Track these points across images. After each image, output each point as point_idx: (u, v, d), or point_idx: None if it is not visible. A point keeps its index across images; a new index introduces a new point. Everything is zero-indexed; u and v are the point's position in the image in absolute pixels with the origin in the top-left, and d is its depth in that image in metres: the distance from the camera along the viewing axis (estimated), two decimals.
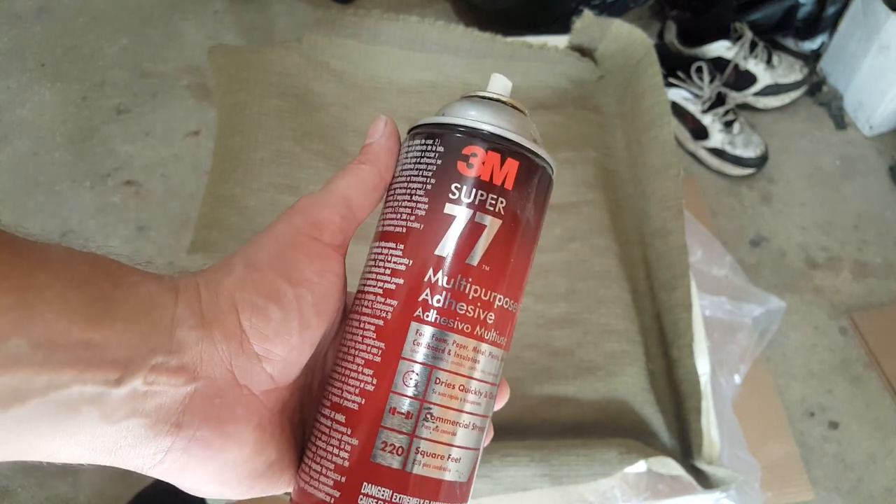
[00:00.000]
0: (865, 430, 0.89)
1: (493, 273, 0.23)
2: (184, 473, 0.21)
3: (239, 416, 0.21)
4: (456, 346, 0.22)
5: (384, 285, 0.23)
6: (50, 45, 1.17)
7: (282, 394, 0.23)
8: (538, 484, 0.48)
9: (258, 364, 0.21)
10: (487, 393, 0.23)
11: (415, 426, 0.22)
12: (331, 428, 0.23)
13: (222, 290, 0.21)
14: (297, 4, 1.26)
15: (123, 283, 0.20)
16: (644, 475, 0.52)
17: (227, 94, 0.63)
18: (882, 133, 1.15)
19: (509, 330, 0.24)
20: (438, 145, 0.23)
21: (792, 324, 0.96)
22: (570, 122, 0.66)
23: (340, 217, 0.24)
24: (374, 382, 0.22)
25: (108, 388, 0.18)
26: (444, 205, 0.23)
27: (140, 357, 0.19)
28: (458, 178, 0.23)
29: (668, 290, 0.57)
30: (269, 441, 0.22)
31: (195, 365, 0.20)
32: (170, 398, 0.20)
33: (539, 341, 0.56)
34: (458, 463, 0.22)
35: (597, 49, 0.68)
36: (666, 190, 0.59)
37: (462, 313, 0.22)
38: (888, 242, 1.04)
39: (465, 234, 0.23)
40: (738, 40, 1.11)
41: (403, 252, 0.23)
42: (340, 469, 0.22)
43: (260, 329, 0.21)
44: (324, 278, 0.23)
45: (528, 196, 0.24)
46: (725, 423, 0.59)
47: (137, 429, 0.19)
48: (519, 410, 0.53)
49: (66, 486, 0.80)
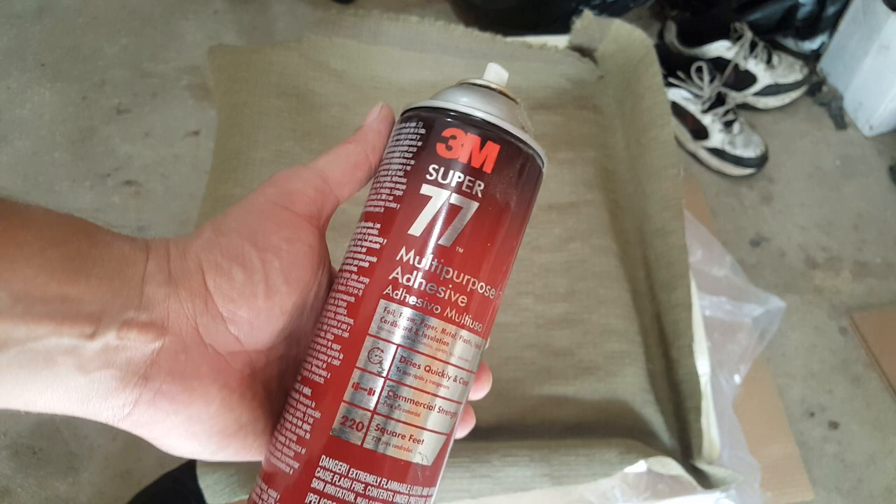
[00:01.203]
0: (865, 430, 0.89)
1: (468, 256, 0.23)
2: (152, 426, 0.21)
3: (204, 373, 0.22)
4: (425, 327, 0.22)
5: (359, 263, 0.23)
6: (50, 45, 1.17)
7: (251, 357, 0.23)
8: (538, 484, 0.48)
9: (223, 324, 0.22)
10: (458, 378, 0.23)
11: (376, 403, 0.22)
12: (297, 401, 0.23)
13: (190, 251, 0.22)
14: (297, 4, 1.26)
15: (99, 241, 0.20)
16: (644, 475, 0.52)
17: (227, 94, 0.63)
18: (882, 133, 1.15)
19: (487, 316, 0.24)
20: (420, 127, 0.24)
21: (792, 324, 0.96)
22: (570, 122, 0.66)
23: (314, 189, 0.24)
24: (340, 357, 0.22)
25: (83, 340, 0.19)
26: (420, 185, 0.23)
27: (113, 312, 0.20)
28: (437, 159, 0.23)
29: (668, 290, 0.57)
30: (239, 402, 0.23)
31: (162, 320, 0.21)
32: (139, 352, 0.20)
33: (539, 341, 0.56)
34: (420, 444, 0.22)
35: (597, 49, 0.68)
36: (666, 190, 0.59)
37: (433, 294, 0.22)
38: (888, 242, 1.04)
39: (441, 215, 0.22)
40: (738, 40, 1.11)
41: (379, 231, 0.23)
42: (302, 441, 0.22)
43: (224, 290, 0.22)
44: (293, 246, 0.23)
45: (510, 181, 0.23)
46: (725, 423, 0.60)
47: (108, 380, 0.20)
48: (519, 410, 0.53)
49: (66, 486, 0.80)
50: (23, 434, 0.83)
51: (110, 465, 0.82)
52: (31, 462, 0.82)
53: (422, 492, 0.23)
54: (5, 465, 0.81)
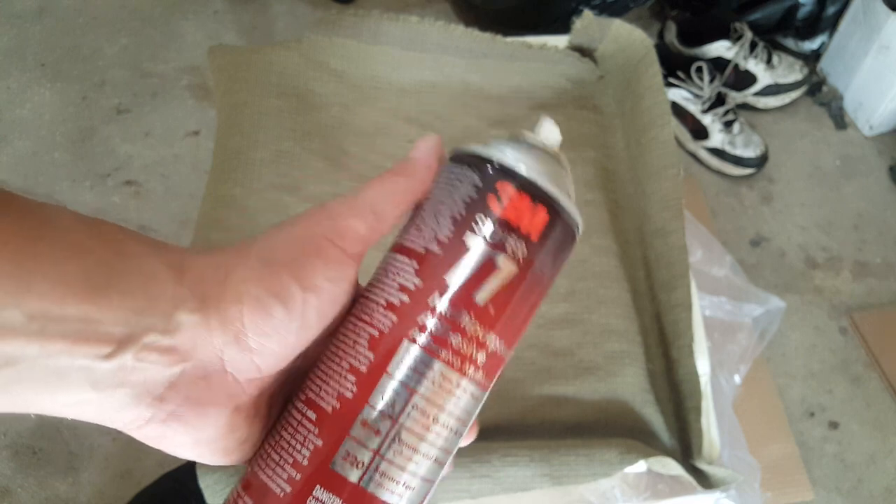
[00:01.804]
0: (865, 430, 0.89)
1: (495, 316, 0.23)
2: (160, 440, 0.21)
3: (220, 400, 0.21)
4: (441, 377, 0.22)
5: (389, 297, 0.23)
6: (50, 45, 1.17)
7: (265, 382, 0.23)
8: (538, 484, 0.48)
9: (249, 356, 0.21)
10: (458, 430, 0.23)
11: (381, 444, 0.22)
12: (299, 423, 0.23)
13: (231, 278, 0.21)
14: (297, 4, 1.26)
15: (125, 252, 0.20)
16: (644, 475, 0.52)
17: (227, 94, 0.63)
18: (882, 133, 1.15)
19: (495, 373, 0.24)
20: (477, 178, 0.23)
21: (792, 324, 0.96)
22: (570, 122, 0.66)
23: (366, 227, 0.23)
24: (353, 390, 0.22)
25: (98, 361, 0.19)
26: (467, 237, 0.23)
27: (133, 334, 0.19)
28: (489, 214, 0.23)
29: (668, 290, 0.57)
30: (243, 422, 0.23)
31: (186, 347, 0.20)
32: (157, 374, 0.20)
33: (539, 341, 0.56)
34: (411, 491, 0.22)
35: (597, 49, 0.68)
36: (666, 190, 0.59)
37: (456, 346, 0.22)
38: (888, 242, 1.04)
39: (480, 271, 0.22)
40: (738, 40, 1.11)
41: (416, 271, 0.23)
42: (298, 466, 0.22)
43: (259, 325, 0.21)
44: (335, 285, 0.23)
45: (549, 251, 0.24)
46: (725, 424, 0.59)
47: (122, 398, 0.20)
48: (519, 410, 0.53)
49: (66, 487, 0.80)
50: (23, 434, 0.83)
51: (110, 465, 0.82)
52: (31, 462, 0.82)
53: None
54: (5, 465, 0.81)
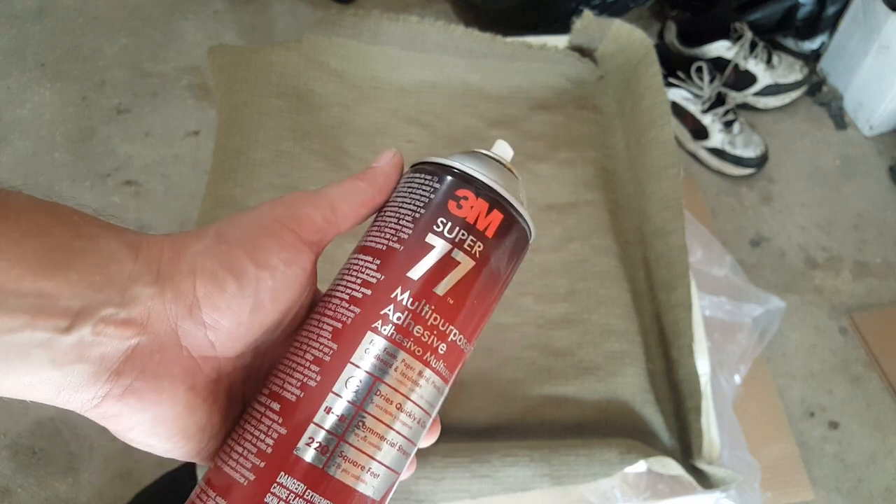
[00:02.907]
0: (865, 430, 0.89)
1: (455, 307, 0.24)
2: (117, 420, 0.21)
3: (175, 374, 0.22)
4: (403, 365, 0.23)
5: (351, 293, 0.24)
6: (50, 45, 1.17)
7: (220, 363, 0.23)
8: (538, 484, 0.48)
9: (202, 330, 0.22)
10: (420, 419, 0.24)
11: (345, 430, 0.22)
12: (263, 414, 0.23)
13: (186, 253, 0.22)
14: (297, 4, 1.26)
15: (83, 233, 0.20)
16: (644, 475, 0.52)
17: (227, 94, 0.63)
18: (882, 133, 1.15)
19: (456, 367, 0.25)
20: (436, 182, 0.25)
21: (792, 324, 0.96)
22: (570, 122, 0.66)
23: (322, 217, 0.25)
24: (317, 379, 0.23)
25: (58, 334, 0.19)
26: (426, 234, 0.24)
27: (91, 308, 0.20)
28: (446, 214, 0.24)
29: (668, 290, 0.57)
30: (202, 405, 0.23)
31: (142, 319, 0.21)
32: (114, 348, 0.20)
33: (539, 341, 0.56)
34: (375, 478, 0.23)
35: (597, 49, 0.68)
36: (666, 190, 0.59)
37: (418, 336, 0.23)
38: (888, 242, 1.04)
39: (439, 265, 0.24)
40: (738, 40, 1.11)
41: (378, 267, 0.24)
42: (262, 454, 0.22)
43: (213, 299, 0.22)
44: (289, 268, 0.24)
45: (503, 249, 0.25)
46: (725, 424, 0.60)
47: (81, 374, 0.20)
48: (519, 410, 0.53)
49: (66, 487, 0.80)
50: (23, 434, 0.83)
51: (110, 465, 0.82)
52: (31, 462, 0.82)
53: None
54: (5, 465, 0.81)
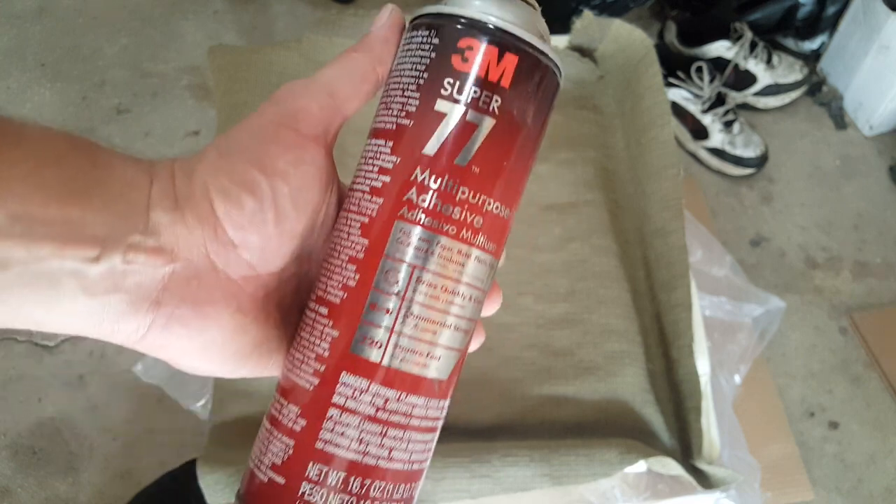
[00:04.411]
0: (865, 430, 0.89)
1: (483, 176, 0.22)
2: (167, 349, 0.21)
3: (217, 298, 0.21)
4: (440, 248, 0.22)
5: (371, 183, 0.23)
6: (50, 45, 1.17)
7: (264, 280, 0.23)
8: (538, 484, 0.48)
9: (234, 251, 0.21)
10: (472, 297, 0.23)
11: (394, 322, 0.22)
12: (314, 320, 0.23)
13: (196, 175, 0.21)
14: (297, 4, 1.26)
15: (100, 162, 0.20)
16: (644, 475, 0.52)
17: (227, 94, 0.63)
18: (882, 133, 1.15)
19: (501, 237, 0.24)
20: (434, 37, 0.22)
21: (792, 324, 0.96)
22: (570, 122, 0.66)
23: (319, 106, 0.23)
24: (356, 278, 0.22)
25: (87, 264, 0.19)
26: (435, 101, 0.22)
27: (118, 235, 0.19)
28: (452, 72, 0.22)
29: (668, 290, 0.57)
30: (253, 324, 0.23)
31: (172, 246, 0.20)
32: (148, 277, 0.20)
33: (539, 341, 0.56)
34: (437, 361, 0.23)
35: (597, 49, 0.68)
36: (666, 190, 0.59)
37: (448, 215, 0.22)
38: (888, 242, 1.04)
39: (456, 133, 0.22)
40: (738, 40, 1.11)
41: (392, 149, 0.22)
42: (321, 358, 0.22)
43: (233, 217, 0.21)
44: (299, 169, 0.22)
45: (527, 96, 0.22)
46: (725, 423, 0.59)
47: (118, 304, 0.19)
48: (519, 410, 0.53)
49: (66, 487, 0.80)
50: (23, 434, 0.83)
51: (110, 465, 0.82)
52: (31, 462, 0.81)
53: (438, 404, 0.23)
54: (5, 465, 0.81)
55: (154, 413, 0.84)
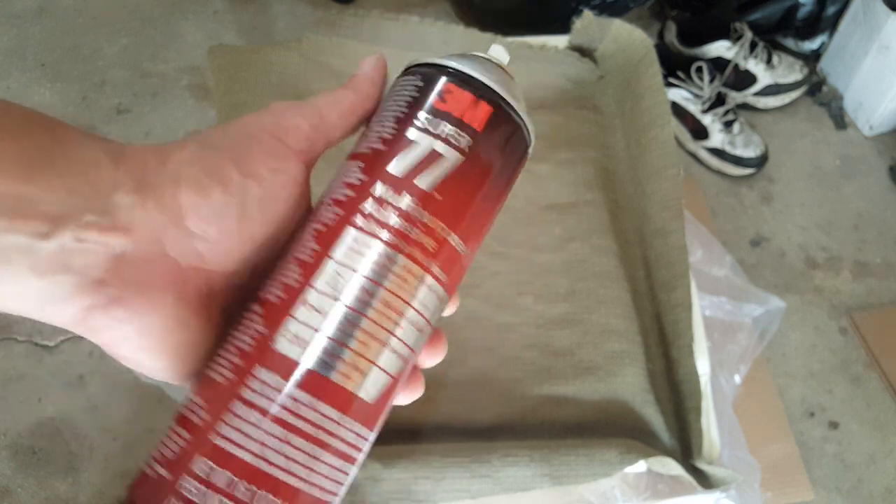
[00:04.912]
0: (865, 430, 0.89)
1: (444, 205, 0.23)
2: (105, 333, 0.21)
3: (163, 283, 0.21)
4: (388, 261, 0.22)
5: (336, 196, 0.23)
6: (50, 45, 1.17)
7: (212, 277, 0.23)
8: (538, 484, 0.48)
9: (189, 239, 0.21)
10: (414, 322, 0.23)
11: (324, 322, 0.21)
12: (247, 318, 0.23)
13: (170, 161, 0.21)
14: (297, 4, 1.26)
15: (63, 139, 0.20)
16: (644, 475, 0.52)
17: (227, 94, 0.63)
18: (882, 133, 1.15)
19: (455, 271, 0.24)
20: (419, 80, 0.24)
21: (792, 324, 0.96)
22: (570, 122, 0.66)
23: (310, 125, 0.24)
24: (298, 279, 0.22)
25: (38, 240, 0.18)
26: (408, 130, 0.23)
27: (72, 214, 0.19)
28: (429, 108, 0.23)
29: (668, 290, 0.57)
30: (193, 319, 0.22)
31: (126, 228, 0.20)
32: (97, 257, 0.20)
33: (539, 341, 0.56)
34: (364, 378, 0.22)
35: (597, 49, 0.68)
36: (666, 190, 0.59)
37: (402, 230, 0.22)
38: (888, 242, 1.04)
39: (423, 160, 0.23)
40: (738, 40, 1.11)
41: (362, 169, 0.23)
42: (241, 353, 0.22)
43: (198, 206, 0.21)
44: (277, 177, 0.23)
45: (496, 145, 0.24)
46: (725, 424, 0.59)
47: (64, 285, 0.19)
48: (519, 410, 0.53)
49: (66, 487, 0.80)
50: (23, 434, 0.83)
51: (110, 465, 0.82)
52: (31, 462, 0.81)
53: (356, 428, 0.22)
54: (5, 465, 0.81)
55: (154, 413, 0.84)
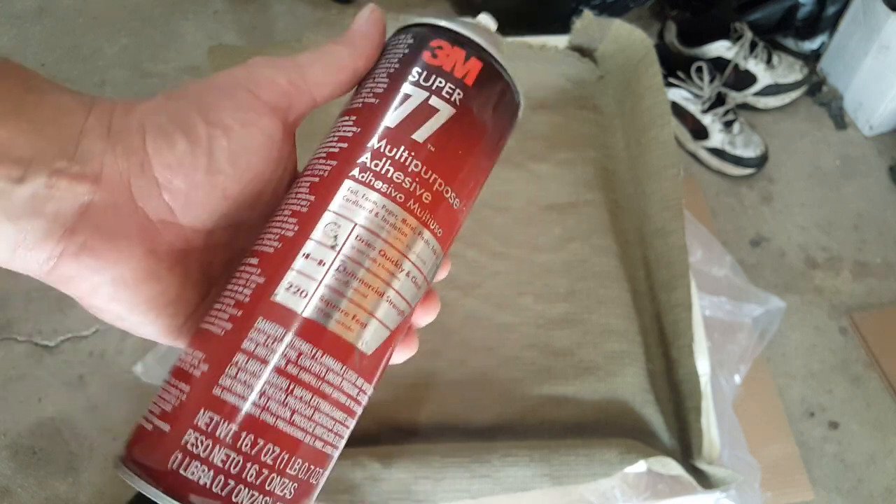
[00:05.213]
0: (865, 430, 0.89)
1: (438, 156, 0.23)
2: (76, 282, 0.21)
3: (132, 233, 0.21)
4: (385, 212, 0.22)
5: (329, 149, 0.23)
6: (50, 45, 1.17)
7: (185, 232, 0.22)
8: (538, 484, 0.48)
9: (157, 190, 0.21)
10: (411, 274, 0.23)
11: (325, 274, 0.21)
12: (242, 270, 0.22)
13: (136, 111, 0.21)
14: (297, 4, 1.26)
15: (35, 88, 0.20)
16: (644, 475, 0.52)
17: None
18: (882, 133, 1.15)
19: (449, 226, 0.24)
20: (409, 38, 0.25)
21: (792, 324, 0.96)
22: (570, 122, 0.66)
23: (287, 80, 0.23)
24: (294, 229, 0.22)
25: (11, 184, 0.18)
26: (402, 84, 0.23)
27: (44, 159, 0.19)
28: (421, 64, 0.24)
29: (668, 290, 0.57)
30: (168, 274, 0.22)
31: (95, 174, 0.20)
32: (68, 203, 0.20)
33: (539, 341, 0.56)
34: (363, 329, 0.22)
35: (597, 49, 0.68)
36: (666, 190, 0.59)
37: (398, 182, 0.22)
38: (888, 242, 1.04)
39: (416, 112, 0.23)
40: (738, 40, 1.11)
41: (355, 122, 0.23)
42: (240, 304, 0.21)
43: (163, 155, 0.21)
44: (247, 129, 0.22)
45: (487, 100, 0.24)
46: (725, 424, 0.59)
47: (35, 231, 0.19)
48: (519, 410, 0.53)
49: (66, 486, 0.80)
50: (23, 434, 0.83)
51: (110, 465, 0.82)
52: (31, 462, 0.81)
53: (356, 380, 0.22)
54: (5, 465, 0.81)
55: None
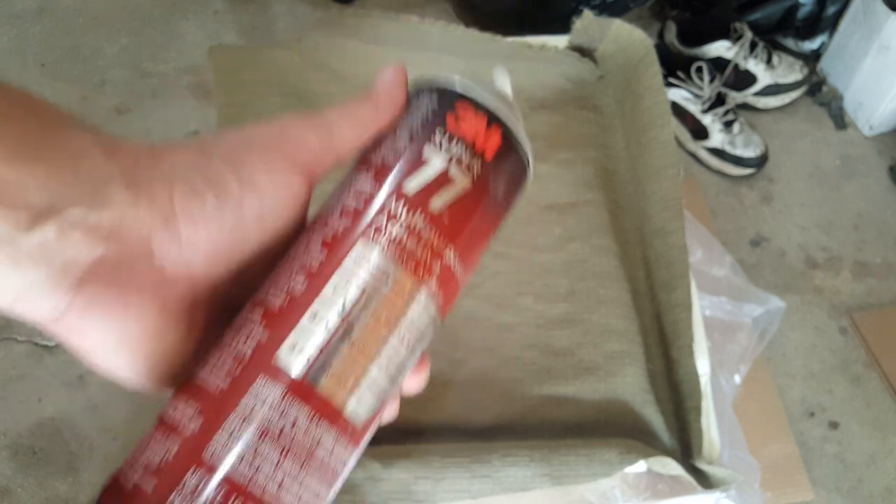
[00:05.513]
0: (865, 430, 0.89)
1: (450, 226, 0.23)
2: (80, 336, 0.20)
3: (145, 288, 0.20)
4: (395, 279, 0.22)
5: (343, 203, 0.23)
6: (50, 45, 1.17)
7: (196, 286, 0.22)
8: (538, 484, 0.48)
9: (177, 244, 0.20)
10: (408, 342, 0.23)
11: (329, 339, 0.21)
12: (244, 321, 0.22)
13: (164, 161, 0.20)
14: (297, 4, 1.26)
15: (51, 125, 0.18)
16: (644, 475, 0.52)
17: (227, 94, 0.63)
18: (882, 133, 1.15)
19: (449, 295, 0.24)
20: (437, 99, 0.24)
21: (792, 324, 0.96)
22: (570, 122, 0.66)
23: (318, 139, 0.23)
24: (303, 286, 0.21)
25: (19, 231, 0.17)
26: (423, 148, 0.23)
27: (58, 206, 0.18)
28: (444, 128, 0.24)
29: (668, 290, 0.57)
30: (172, 329, 0.21)
31: (113, 226, 0.19)
32: (81, 255, 0.18)
33: (539, 341, 0.56)
34: (357, 399, 0.21)
35: (597, 49, 0.68)
36: (666, 190, 0.59)
37: (411, 250, 0.22)
38: (888, 242, 1.04)
39: (435, 180, 0.23)
40: (738, 40, 1.11)
41: (372, 179, 0.23)
42: (240, 359, 0.21)
43: (190, 210, 0.20)
44: (277, 190, 0.22)
45: (503, 174, 0.24)
46: (725, 424, 0.59)
47: (41, 281, 0.18)
48: (519, 410, 0.53)
49: (66, 486, 0.80)
50: (23, 434, 0.83)
51: (110, 465, 0.82)
52: (31, 462, 0.81)
53: (345, 449, 0.22)
54: (5, 465, 0.81)
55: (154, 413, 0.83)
